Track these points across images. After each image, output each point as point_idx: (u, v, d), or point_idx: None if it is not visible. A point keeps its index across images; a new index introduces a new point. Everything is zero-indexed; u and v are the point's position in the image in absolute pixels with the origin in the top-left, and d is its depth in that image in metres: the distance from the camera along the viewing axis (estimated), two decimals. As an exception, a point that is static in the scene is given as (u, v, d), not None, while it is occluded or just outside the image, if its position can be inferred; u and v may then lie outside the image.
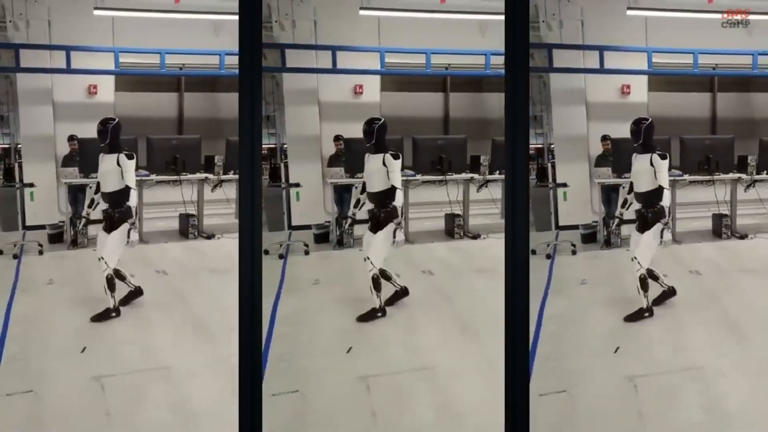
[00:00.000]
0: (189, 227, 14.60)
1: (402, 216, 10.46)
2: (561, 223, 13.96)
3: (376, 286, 10.29)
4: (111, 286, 10.33)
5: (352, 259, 12.96)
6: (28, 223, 15.09)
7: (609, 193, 13.55)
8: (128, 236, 10.38)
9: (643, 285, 9.99)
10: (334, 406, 8.02)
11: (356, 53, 15.15)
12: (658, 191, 10.17)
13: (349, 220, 11.29)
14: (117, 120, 10.85)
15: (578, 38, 14.69)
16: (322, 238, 14.16)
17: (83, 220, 11.28)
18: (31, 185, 14.69)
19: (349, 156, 13.94)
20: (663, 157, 10.25)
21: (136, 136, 14.60)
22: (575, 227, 13.76)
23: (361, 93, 15.39)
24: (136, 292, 10.78)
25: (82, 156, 14.24)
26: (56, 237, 14.51)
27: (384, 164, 10.47)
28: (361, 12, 14.99)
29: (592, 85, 14.90)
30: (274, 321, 10.02)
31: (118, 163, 10.52)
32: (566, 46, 14.54)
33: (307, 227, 14.27)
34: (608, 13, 14.92)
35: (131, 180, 10.53)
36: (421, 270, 12.36)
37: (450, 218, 14.45)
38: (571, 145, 14.79)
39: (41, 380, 8.77)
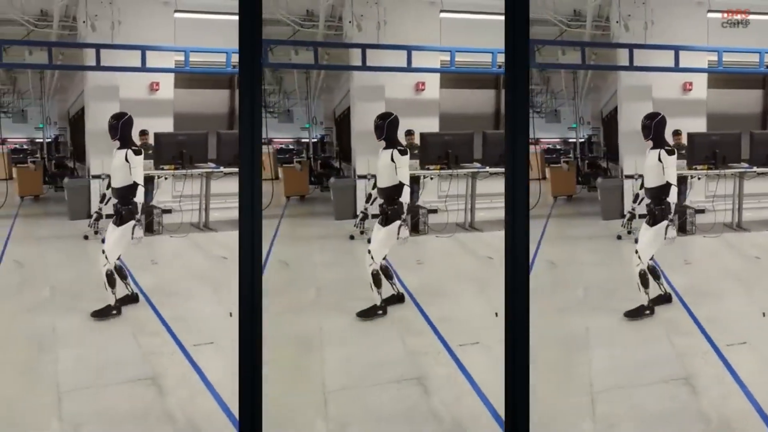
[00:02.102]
0: (252, 216, 14.76)
1: (407, 213, 9.98)
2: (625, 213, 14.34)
3: (376, 282, 9.74)
4: (111, 282, 9.79)
5: (434, 244, 13.35)
6: (92, 213, 15.16)
7: (679, 185, 13.79)
8: (133, 233, 9.88)
9: (643, 281, 9.44)
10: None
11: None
12: (666, 187, 9.66)
13: (361, 215, 10.55)
14: (128, 115, 10.31)
15: (647, 38, 15.19)
16: (394, 225, 14.40)
17: (95, 215, 10.61)
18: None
19: (424, 148, 14.24)
20: (670, 153, 9.74)
21: (207, 131, 14.85)
22: (642, 216, 14.10)
23: (423, 90, 15.70)
24: (132, 297, 10.17)
25: (157, 149, 14.39)
26: (128, 225, 14.58)
27: (392, 160, 9.90)
28: (442, 15, 15.34)
29: (657, 83, 15.40)
30: (410, 292, 10.26)
31: (126, 159, 9.90)
32: (644, 46, 14.94)
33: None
34: (669, 13, 15.43)
35: (139, 176, 9.99)
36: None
37: (512, 207, 14.76)
38: (637, 139, 15.24)
39: (214, 335, 8.97)
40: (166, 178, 14.76)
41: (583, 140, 18.28)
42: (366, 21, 15.37)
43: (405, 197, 9.82)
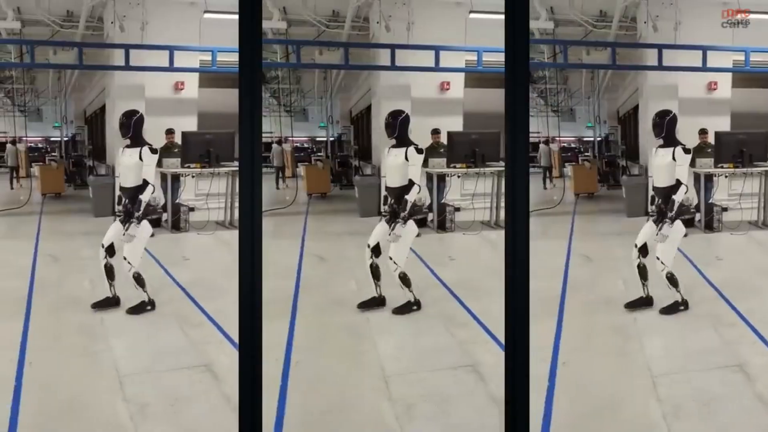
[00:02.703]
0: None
1: (408, 212, 9.38)
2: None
3: (405, 282, 9.32)
4: (140, 283, 9.39)
5: (462, 241, 13.47)
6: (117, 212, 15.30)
7: (706, 182, 13.99)
8: (126, 229, 9.31)
9: (672, 282, 9.15)
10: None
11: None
12: (677, 186, 9.15)
13: (381, 218, 9.68)
14: (140, 113, 9.79)
15: (673, 38, 15.37)
16: (421, 222, 14.49)
17: (116, 218, 9.72)
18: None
19: (451, 147, 14.37)
20: (687, 152, 9.22)
21: (233, 130, 14.95)
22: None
23: (448, 89, 15.83)
24: (115, 301, 9.64)
25: (185, 148, 14.51)
26: (155, 222, 14.66)
27: (406, 158, 9.45)
28: (471, 15, 15.48)
29: (681, 82, 15.56)
30: (448, 286, 10.35)
31: (141, 158, 9.38)
32: (672, 46, 15.11)
33: (406, 213, 14.45)
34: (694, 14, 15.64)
35: (150, 175, 9.44)
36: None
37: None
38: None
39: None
40: (193, 176, 14.90)
41: (600, 139, 18.51)
42: (393, 21, 15.50)
43: (411, 196, 9.33)
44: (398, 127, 9.62)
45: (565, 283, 10.13)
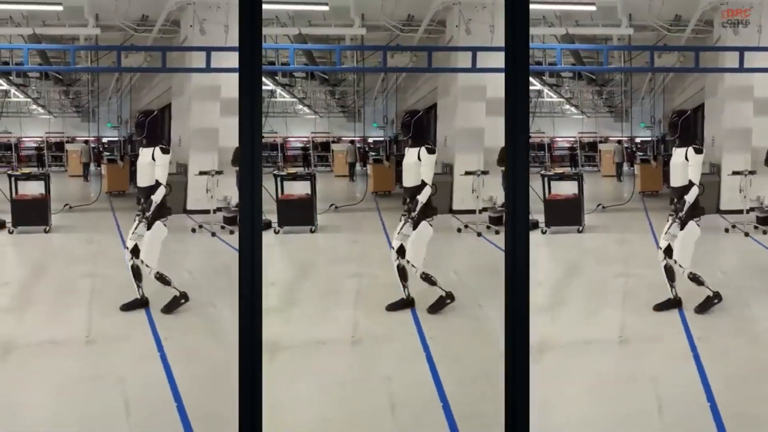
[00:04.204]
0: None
1: (417, 212, 9.15)
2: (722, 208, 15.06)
3: (429, 281, 9.17)
4: (164, 281, 9.19)
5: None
6: (189, 208, 15.51)
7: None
8: (134, 229, 9.28)
9: (696, 281, 8.96)
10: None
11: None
12: (689, 186, 8.92)
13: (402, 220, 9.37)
14: (156, 112, 9.62)
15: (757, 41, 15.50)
16: (497, 221, 14.58)
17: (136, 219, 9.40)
18: (220, 173, 14.96)
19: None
20: (698, 152, 8.92)
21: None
22: (735, 212, 14.47)
23: (523, 89, 15.88)
24: (144, 302, 9.39)
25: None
26: (231, 219, 14.84)
27: (419, 158, 9.14)
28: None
29: (757, 82, 15.66)
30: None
31: (153, 157, 9.15)
32: (753, 48, 15.19)
33: (473, 211, 14.54)
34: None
35: (161, 175, 9.14)
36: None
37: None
38: (735, 137, 15.52)
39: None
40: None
41: (657, 138, 18.65)
42: (472, 24, 15.63)
43: (422, 197, 9.08)
44: (413, 126, 9.35)
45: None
